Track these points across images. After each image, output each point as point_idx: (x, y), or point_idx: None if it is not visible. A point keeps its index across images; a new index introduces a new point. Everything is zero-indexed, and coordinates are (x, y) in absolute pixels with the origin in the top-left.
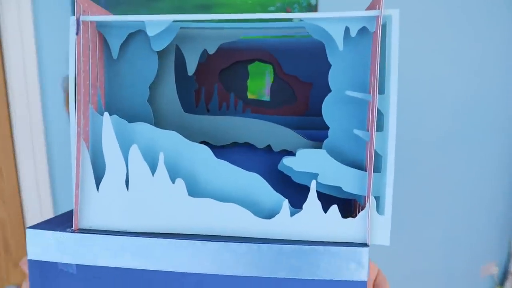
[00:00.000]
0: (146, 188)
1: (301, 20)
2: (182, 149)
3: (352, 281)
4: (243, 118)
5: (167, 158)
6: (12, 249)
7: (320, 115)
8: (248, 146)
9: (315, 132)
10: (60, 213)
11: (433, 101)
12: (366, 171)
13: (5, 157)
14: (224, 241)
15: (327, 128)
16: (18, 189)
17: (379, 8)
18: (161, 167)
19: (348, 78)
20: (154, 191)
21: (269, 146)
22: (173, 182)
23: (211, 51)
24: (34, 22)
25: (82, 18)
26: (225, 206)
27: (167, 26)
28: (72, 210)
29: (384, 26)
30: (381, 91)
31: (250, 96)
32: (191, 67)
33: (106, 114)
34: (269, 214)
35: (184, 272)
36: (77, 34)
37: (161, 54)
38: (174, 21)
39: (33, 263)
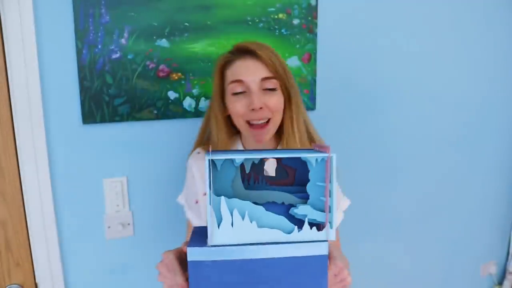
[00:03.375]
0: (238, 224)
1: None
2: (250, 207)
3: (322, 254)
4: (269, 191)
5: (244, 212)
6: (14, 248)
7: (302, 185)
8: (272, 202)
9: (299, 194)
10: (60, 212)
11: (435, 103)
12: (325, 212)
13: (7, 156)
14: (272, 243)
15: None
16: (20, 188)
17: (327, 153)
18: (246, 216)
19: (316, 185)
20: (241, 225)
21: (282, 202)
22: (251, 222)
23: (247, 168)
24: (35, 21)
25: (211, 156)
26: (271, 230)
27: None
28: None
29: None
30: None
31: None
32: (247, 167)
33: (223, 198)
34: (288, 231)
35: (259, 258)
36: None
37: None
38: (247, 158)
39: (192, 263)
